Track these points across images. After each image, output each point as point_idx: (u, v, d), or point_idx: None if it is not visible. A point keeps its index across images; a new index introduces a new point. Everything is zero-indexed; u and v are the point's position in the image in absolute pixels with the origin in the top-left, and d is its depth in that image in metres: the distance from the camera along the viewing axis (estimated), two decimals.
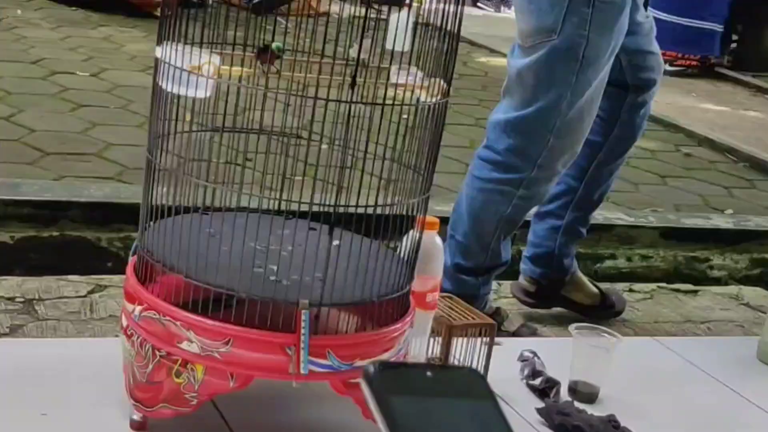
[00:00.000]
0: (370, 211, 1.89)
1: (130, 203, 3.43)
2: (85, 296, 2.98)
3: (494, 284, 3.65)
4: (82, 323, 2.82)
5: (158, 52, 1.91)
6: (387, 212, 1.91)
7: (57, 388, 2.05)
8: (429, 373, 0.71)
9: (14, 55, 5.64)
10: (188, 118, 1.99)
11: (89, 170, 4.05)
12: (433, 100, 1.93)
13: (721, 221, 4.75)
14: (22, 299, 2.89)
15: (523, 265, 3.43)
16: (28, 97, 4.90)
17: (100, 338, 2.71)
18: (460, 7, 1.92)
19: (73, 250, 3.51)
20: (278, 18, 2.09)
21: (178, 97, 1.91)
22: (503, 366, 2.32)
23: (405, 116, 1.93)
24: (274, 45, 1.94)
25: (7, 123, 4.47)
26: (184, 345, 1.83)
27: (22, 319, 2.78)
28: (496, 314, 3.11)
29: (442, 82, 1.93)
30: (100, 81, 5.39)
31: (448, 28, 1.92)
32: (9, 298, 2.89)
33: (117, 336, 2.04)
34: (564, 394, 2.30)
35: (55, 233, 3.52)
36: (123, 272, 2.01)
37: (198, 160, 1.96)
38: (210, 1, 2.08)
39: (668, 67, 8.52)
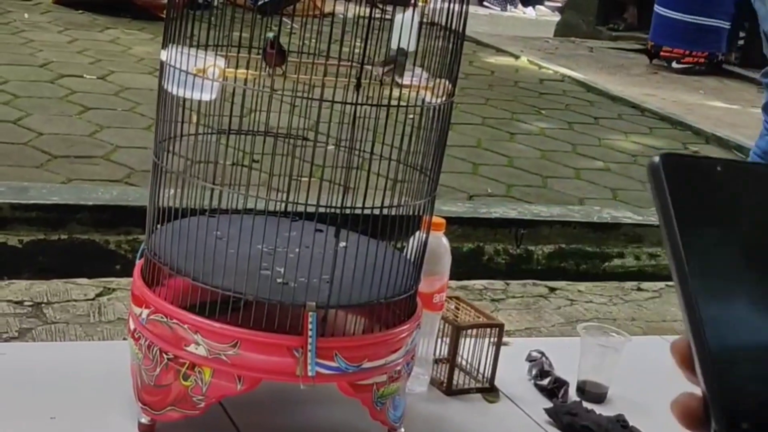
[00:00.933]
0: (376, 212, 1.89)
1: (138, 206, 3.43)
2: (93, 299, 2.98)
3: (501, 284, 3.65)
4: (91, 326, 2.82)
5: (163, 55, 1.91)
6: (393, 213, 1.91)
7: (65, 391, 2.05)
8: (719, 168, 0.67)
9: (21, 59, 5.64)
10: (194, 120, 1.99)
11: (97, 173, 4.05)
12: (438, 100, 1.92)
13: None
14: (30, 303, 2.90)
15: None
16: (36, 100, 4.91)
17: (108, 341, 2.71)
18: (464, 6, 1.92)
19: (82, 253, 3.52)
20: (284, 19, 2.09)
21: (184, 100, 1.91)
22: (511, 366, 2.32)
23: (411, 116, 1.93)
24: (270, 34, 1.93)
25: (15, 126, 4.48)
26: (192, 348, 1.83)
27: (31, 322, 2.79)
28: None
29: (447, 82, 1.93)
30: (107, 84, 5.40)
31: (453, 27, 1.92)
32: (18, 302, 2.89)
33: (125, 339, 2.04)
34: (572, 394, 2.30)
35: (63, 236, 3.53)
36: (131, 275, 2.02)
37: (204, 162, 1.96)
38: (216, 3, 2.08)
39: (675, 65, 8.52)
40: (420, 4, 1.99)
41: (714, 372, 0.58)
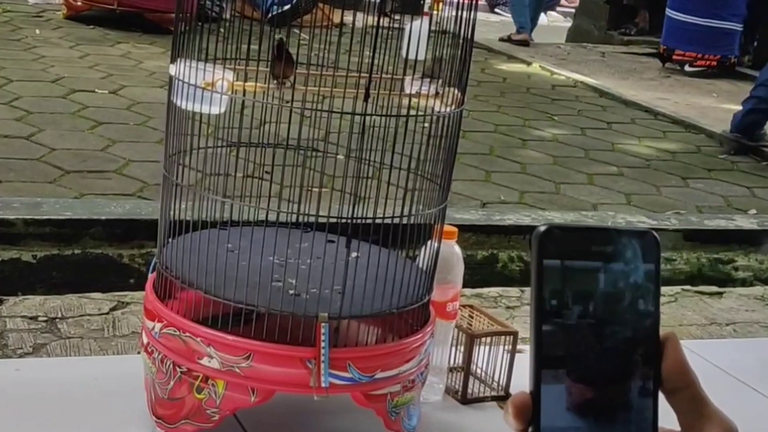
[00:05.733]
0: (387, 222, 1.89)
1: (151, 219, 3.43)
2: (107, 313, 2.98)
3: (516, 291, 3.64)
4: (105, 340, 2.82)
5: (172, 69, 1.91)
6: (405, 223, 1.91)
7: (80, 406, 2.05)
8: (599, 237, 0.69)
9: (33, 75, 5.66)
10: (205, 134, 1.99)
11: (109, 187, 4.06)
12: (448, 109, 1.92)
13: (745, 222, 4.72)
14: (45, 318, 2.90)
15: None
16: (48, 116, 4.93)
17: (123, 355, 2.71)
18: (472, 13, 1.91)
19: (95, 268, 3.52)
20: (294, 30, 2.09)
21: (193, 113, 1.91)
22: (526, 374, 2.30)
23: (426, 125, 1.93)
24: (277, 37, 1.94)
25: (28, 142, 4.49)
26: (205, 361, 1.83)
27: (46, 337, 2.79)
28: None
29: (456, 91, 1.93)
30: (119, 98, 5.41)
31: (462, 35, 1.92)
32: (32, 317, 2.90)
33: (139, 353, 2.04)
34: None
35: (76, 251, 3.53)
36: (145, 288, 2.02)
37: (215, 175, 1.96)
38: (225, 15, 2.09)
39: (688, 68, 8.49)
40: (434, 12, 1.99)
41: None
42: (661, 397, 0.72)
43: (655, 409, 0.71)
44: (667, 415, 0.73)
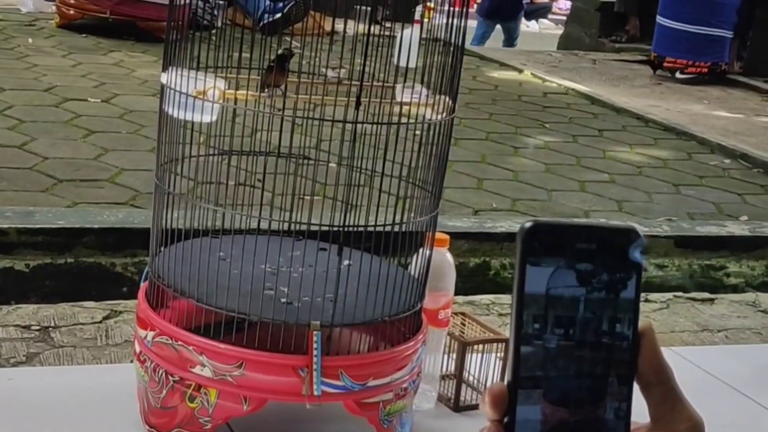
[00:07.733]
0: (378, 230, 1.89)
1: (144, 228, 3.43)
2: (100, 322, 2.98)
3: (508, 298, 3.64)
4: (98, 349, 2.82)
5: (163, 77, 1.91)
6: (396, 230, 1.91)
7: (73, 415, 2.05)
8: (584, 234, 0.69)
9: (26, 84, 5.66)
10: (197, 142, 1.99)
11: (102, 196, 4.06)
12: (438, 117, 1.92)
13: (736, 228, 4.73)
14: (38, 327, 2.90)
15: None
16: (41, 124, 4.92)
17: (116, 364, 2.71)
18: (462, 20, 1.92)
19: (88, 277, 3.52)
20: (285, 38, 2.10)
21: (185, 121, 1.92)
22: None
23: (417, 132, 1.93)
24: (281, 51, 1.95)
25: (20, 151, 4.49)
26: (197, 369, 1.83)
27: (38, 346, 2.79)
28: None
29: (447, 98, 1.93)
30: (112, 107, 5.41)
31: (453, 42, 1.92)
32: (25, 326, 2.89)
33: (132, 362, 2.04)
34: None
35: (69, 260, 3.53)
36: (137, 297, 2.02)
37: (207, 183, 1.97)
38: (218, 23, 2.09)
39: (679, 75, 8.51)
40: (425, 20, 2.00)
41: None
42: (635, 389, 0.72)
43: (628, 424, 0.71)
44: (639, 408, 0.73)
